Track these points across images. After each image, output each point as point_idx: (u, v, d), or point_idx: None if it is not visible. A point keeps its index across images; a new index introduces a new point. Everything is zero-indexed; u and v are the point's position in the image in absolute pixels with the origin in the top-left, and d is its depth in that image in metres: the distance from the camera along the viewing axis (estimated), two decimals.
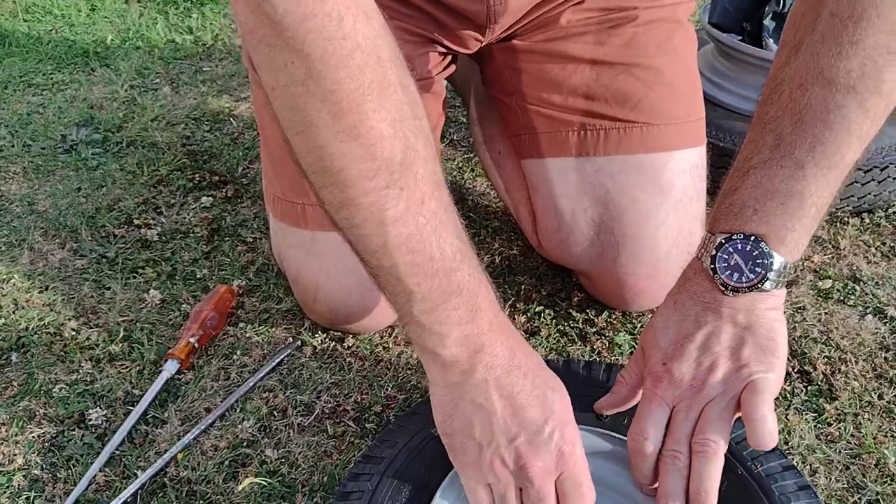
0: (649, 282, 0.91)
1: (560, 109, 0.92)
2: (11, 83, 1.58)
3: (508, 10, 0.88)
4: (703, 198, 0.91)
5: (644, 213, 0.88)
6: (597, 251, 0.92)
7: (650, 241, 0.88)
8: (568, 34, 0.92)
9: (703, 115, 0.94)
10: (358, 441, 0.83)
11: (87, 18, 1.90)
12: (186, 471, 0.80)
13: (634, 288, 0.92)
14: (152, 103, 1.50)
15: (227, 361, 0.93)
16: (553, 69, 0.93)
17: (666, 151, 0.87)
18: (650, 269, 0.90)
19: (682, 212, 0.88)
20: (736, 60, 1.19)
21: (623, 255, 0.90)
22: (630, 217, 0.88)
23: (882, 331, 0.96)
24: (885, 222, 1.15)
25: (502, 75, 0.99)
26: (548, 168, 0.94)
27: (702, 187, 0.90)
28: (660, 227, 0.88)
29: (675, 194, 0.88)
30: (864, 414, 0.86)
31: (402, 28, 0.88)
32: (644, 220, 0.88)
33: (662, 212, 0.87)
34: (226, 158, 1.33)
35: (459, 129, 1.42)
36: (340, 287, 0.89)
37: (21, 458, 0.82)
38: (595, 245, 0.92)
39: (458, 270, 0.61)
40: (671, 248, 0.88)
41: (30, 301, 1.02)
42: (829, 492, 0.78)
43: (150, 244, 1.13)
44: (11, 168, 1.31)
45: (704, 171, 0.91)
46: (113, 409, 0.87)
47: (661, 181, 0.88)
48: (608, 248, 0.91)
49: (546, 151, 0.94)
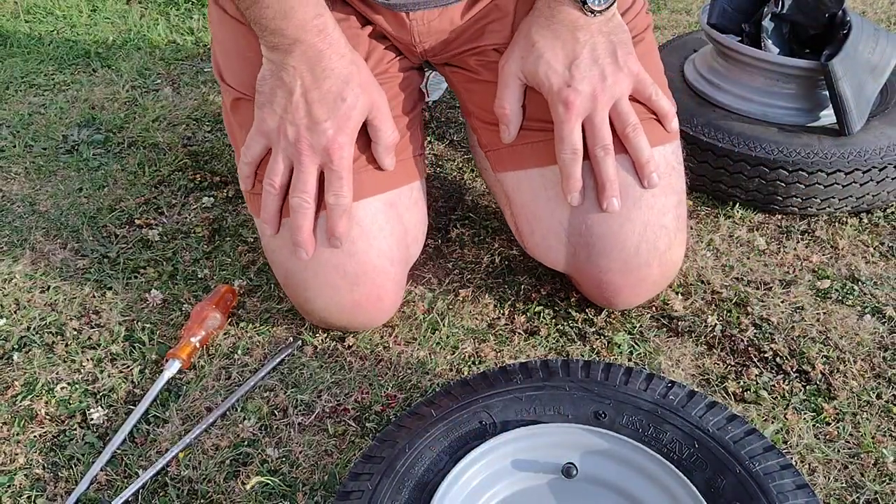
0: (624, 277, 0.92)
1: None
2: (13, 84, 1.59)
3: (431, 33, 0.95)
4: (671, 192, 0.91)
5: (607, 212, 0.89)
6: (570, 252, 0.93)
7: (617, 238, 0.89)
8: None
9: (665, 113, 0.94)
10: (358, 440, 0.84)
11: (88, 19, 1.91)
12: (188, 470, 0.80)
13: (611, 285, 0.93)
14: (153, 104, 1.51)
15: (228, 361, 0.94)
16: None
17: (621, 154, 0.88)
18: (622, 265, 0.91)
19: (645, 207, 0.89)
20: (734, 61, 1.19)
21: (594, 254, 0.91)
22: (595, 218, 0.89)
23: (880, 330, 0.97)
24: (883, 222, 1.15)
25: (460, 95, 1.02)
26: (515, 179, 0.96)
27: (669, 182, 0.91)
28: (624, 224, 0.89)
29: (633, 192, 0.89)
30: (863, 413, 0.86)
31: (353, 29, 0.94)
32: (608, 219, 0.89)
33: (625, 209, 0.89)
34: (227, 159, 1.33)
35: (459, 130, 1.42)
36: (327, 283, 0.89)
37: (23, 458, 0.82)
38: (567, 246, 0.93)
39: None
40: (639, 242, 0.89)
41: (31, 301, 1.03)
42: (828, 491, 0.78)
43: (152, 244, 1.13)
44: (13, 168, 1.31)
45: (673, 167, 0.92)
46: (114, 408, 0.88)
47: (622, 181, 0.89)
48: (579, 249, 0.92)
49: (511, 164, 0.95)
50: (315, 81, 0.82)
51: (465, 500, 0.71)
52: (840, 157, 1.09)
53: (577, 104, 0.85)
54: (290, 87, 0.82)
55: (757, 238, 1.12)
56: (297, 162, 0.84)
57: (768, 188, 1.13)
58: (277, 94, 0.83)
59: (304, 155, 0.83)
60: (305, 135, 0.83)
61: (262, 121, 0.85)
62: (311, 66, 0.81)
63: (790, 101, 1.17)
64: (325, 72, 0.82)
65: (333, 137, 0.82)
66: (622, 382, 0.79)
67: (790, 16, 1.20)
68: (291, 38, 0.80)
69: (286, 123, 0.83)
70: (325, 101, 0.82)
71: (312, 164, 0.84)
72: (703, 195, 1.21)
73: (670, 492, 0.69)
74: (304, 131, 0.83)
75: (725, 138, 1.14)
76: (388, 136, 0.88)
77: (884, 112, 1.17)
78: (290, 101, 0.82)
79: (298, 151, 0.83)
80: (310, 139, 0.83)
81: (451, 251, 1.11)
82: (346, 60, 0.83)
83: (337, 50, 0.83)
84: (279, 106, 0.83)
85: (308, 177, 0.84)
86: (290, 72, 0.82)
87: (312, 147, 0.83)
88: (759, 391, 0.88)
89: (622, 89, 0.87)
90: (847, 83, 1.09)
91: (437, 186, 1.26)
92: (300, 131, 0.83)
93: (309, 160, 0.83)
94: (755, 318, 0.99)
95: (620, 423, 0.74)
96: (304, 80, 0.82)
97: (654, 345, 0.95)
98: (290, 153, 0.84)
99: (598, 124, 0.86)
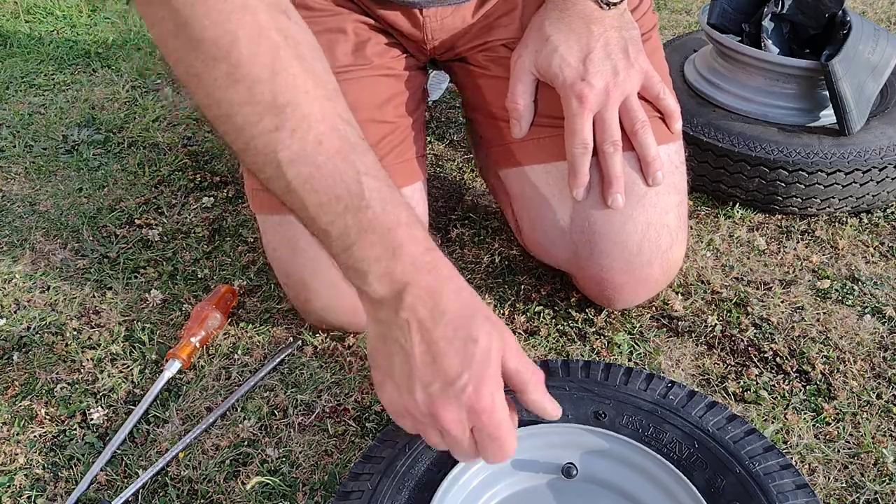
0: (625, 276, 0.92)
1: None
2: (13, 84, 1.59)
3: (443, 30, 0.94)
4: (674, 191, 0.91)
5: (610, 210, 0.89)
6: (571, 250, 0.93)
7: (619, 237, 0.89)
8: None
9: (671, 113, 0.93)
10: (358, 440, 0.84)
11: (88, 19, 1.91)
12: (188, 470, 0.80)
13: (612, 283, 0.93)
14: (153, 104, 1.51)
15: (228, 361, 0.94)
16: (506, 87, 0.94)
17: (627, 151, 0.88)
18: (624, 265, 0.91)
19: (648, 206, 0.89)
20: (735, 61, 1.19)
21: (595, 253, 0.91)
22: (598, 216, 0.89)
23: (880, 330, 0.97)
24: (883, 222, 1.15)
25: (465, 91, 1.02)
26: (519, 175, 0.96)
27: (672, 181, 0.91)
28: (626, 222, 0.89)
29: (638, 190, 0.89)
30: (863, 413, 0.86)
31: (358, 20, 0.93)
32: (611, 217, 0.89)
33: (628, 207, 0.88)
34: (227, 159, 1.33)
35: (459, 130, 1.42)
36: (328, 284, 0.89)
37: (23, 458, 0.82)
38: (569, 245, 0.93)
39: (368, 208, 0.61)
40: (642, 241, 0.89)
41: (31, 301, 1.03)
42: (828, 491, 0.78)
43: (152, 244, 1.13)
44: (13, 168, 1.31)
45: (676, 166, 0.92)
46: (114, 408, 0.88)
47: (627, 178, 0.89)
48: (581, 248, 0.92)
49: (515, 161, 0.95)
50: (435, 327, 0.62)
51: (465, 500, 0.71)
52: (840, 157, 1.09)
53: (590, 98, 0.85)
54: (407, 348, 0.63)
55: (757, 238, 1.12)
56: (444, 434, 0.64)
57: (768, 188, 1.13)
58: (395, 362, 0.64)
59: (449, 427, 0.62)
60: (442, 402, 0.62)
61: (391, 402, 0.66)
62: (430, 311, 0.62)
63: (790, 102, 1.17)
64: (446, 314, 0.62)
65: (475, 394, 0.61)
66: (622, 382, 0.79)
67: (790, 16, 1.20)
68: (401, 282, 0.62)
69: (415, 394, 0.63)
70: (452, 351, 0.62)
71: (463, 432, 0.63)
72: (704, 195, 1.21)
73: (670, 492, 0.69)
74: (439, 397, 0.62)
75: (725, 138, 1.14)
76: (533, 377, 0.66)
77: (884, 112, 1.17)
78: (412, 366, 0.63)
79: (441, 423, 0.63)
80: (448, 405, 0.62)
81: (451, 251, 1.11)
82: (467, 292, 0.65)
83: (455, 283, 0.64)
84: (401, 376, 0.64)
85: (462, 446, 0.64)
86: (404, 327, 0.62)
87: (456, 414, 0.62)
88: (759, 391, 0.88)
89: (633, 86, 0.87)
90: (847, 83, 1.09)
91: (437, 186, 1.26)
92: (434, 400, 0.62)
93: (458, 429, 0.63)
94: (755, 318, 0.99)
95: (620, 424, 0.74)
96: (422, 334, 0.62)
97: (654, 345, 0.95)
98: (433, 425, 0.64)
99: (608, 120, 0.86)
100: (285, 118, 0.59)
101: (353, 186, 0.61)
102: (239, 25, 0.58)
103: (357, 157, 0.62)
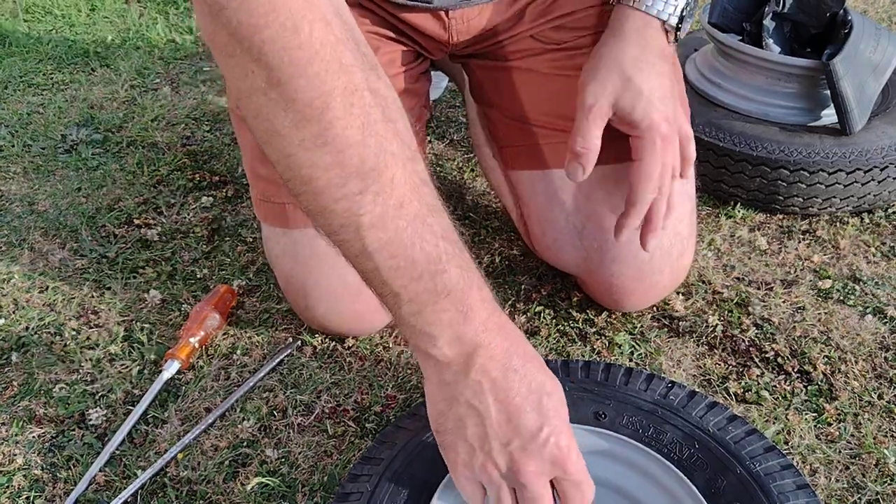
0: (636, 283, 0.92)
1: (540, 124, 0.93)
2: (11, 83, 1.58)
3: (469, 31, 0.92)
4: (687, 199, 0.91)
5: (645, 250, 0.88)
6: (582, 255, 0.93)
7: (632, 245, 0.89)
8: (542, 50, 0.93)
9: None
10: (358, 441, 0.83)
11: (87, 18, 1.90)
12: (186, 471, 0.80)
13: (622, 289, 0.93)
14: (152, 103, 1.50)
15: (227, 361, 0.93)
16: (531, 85, 0.94)
17: None
18: (635, 272, 0.91)
19: None
20: (736, 60, 1.19)
21: (607, 259, 0.91)
22: (610, 223, 0.88)
23: (882, 330, 0.96)
24: (884, 222, 1.15)
25: (483, 87, 1.01)
26: (531, 179, 0.95)
27: (685, 188, 0.90)
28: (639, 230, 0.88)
29: None
30: (864, 414, 0.86)
31: (370, 31, 0.90)
32: None
33: None
34: (226, 158, 1.33)
35: (459, 129, 1.42)
36: (329, 292, 0.89)
37: (21, 458, 0.82)
38: (580, 250, 0.93)
39: (444, 272, 0.60)
40: (654, 249, 0.89)
41: (30, 301, 1.02)
42: (829, 491, 0.78)
43: (151, 244, 1.13)
44: (12, 168, 1.31)
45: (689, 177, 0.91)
46: (113, 408, 0.87)
47: None
48: (592, 253, 0.92)
49: (528, 164, 0.95)
50: (509, 386, 0.62)
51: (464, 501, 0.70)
52: (841, 156, 1.09)
53: (671, 139, 0.82)
54: (481, 409, 0.62)
55: (758, 238, 1.12)
56: (525, 490, 0.62)
57: (770, 188, 1.13)
58: (467, 423, 0.63)
59: (532, 482, 0.61)
60: (525, 458, 0.61)
61: (465, 465, 0.64)
62: (502, 371, 0.62)
63: (791, 101, 1.17)
64: (518, 372, 0.62)
65: (557, 446, 0.61)
66: (622, 383, 0.79)
67: (791, 15, 1.20)
68: (472, 345, 0.61)
69: (493, 453, 0.62)
70: (528, 406, 0.62)
71: (545, 486, 0.62)
72: (705, 195, 1.20)
73: (670, 492, 0.69)
74: (520, 454, 0.61)
75: (727, 138, 1.13)
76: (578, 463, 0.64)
77: (885, 111, 1.17)
78: (487, 426, 0.62)
79: (523, 478, 0.62)
80: (531, 460, 0.62)
81: None
82: (530, 347, 0.65)
83: (521, 341, 0.65)
84: (475, 437, 0.62)
85: (544, 500, 0.63)
86: (476, 388, 0.61)
87: (539, 467, 0.62)
88: (761, 391, 0.88)
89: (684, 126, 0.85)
90: (848, 82, 1.09)
91: (437, 186, 1.25)
92: (515, 456, 0.61)
93: (539, 483, 0.62)
94: (756, 318, 0.98)
95: (620, 424, 0.74)
96: (495, 394, 0.61)
97: (654, 345, 0.95)
98: (511, 483, 0.63)
99: (665, 176, 0.84)
100: (371, 182, 0.57)
101: (431, 250, 0.59)
102: (334, 87, 0.55)
103: (435, 220, 0.61)
